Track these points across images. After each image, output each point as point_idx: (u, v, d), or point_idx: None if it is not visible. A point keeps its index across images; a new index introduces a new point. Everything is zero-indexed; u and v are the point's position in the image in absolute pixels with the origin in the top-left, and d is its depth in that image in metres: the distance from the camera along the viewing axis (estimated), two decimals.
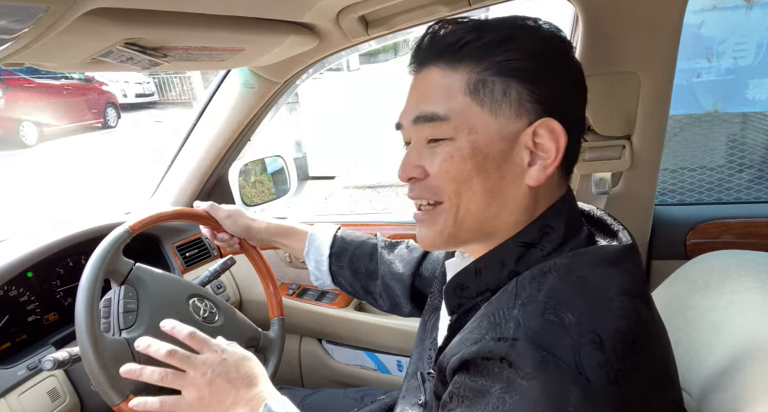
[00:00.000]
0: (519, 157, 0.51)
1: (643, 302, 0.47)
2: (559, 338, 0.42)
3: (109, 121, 10.83)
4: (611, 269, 0.48)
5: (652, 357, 0.46)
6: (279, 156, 1.55)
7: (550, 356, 0.41)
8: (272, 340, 1.01)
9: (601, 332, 0.42)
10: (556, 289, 0.46)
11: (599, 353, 0.41)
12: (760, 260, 0.68)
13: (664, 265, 1.17)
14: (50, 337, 1.03)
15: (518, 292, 0.47)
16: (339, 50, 1.10)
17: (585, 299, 0.45)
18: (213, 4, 0.72)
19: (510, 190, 0.52)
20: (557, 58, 0.52)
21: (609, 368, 0.41)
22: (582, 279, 0.46)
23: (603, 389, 0.40)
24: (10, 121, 8.61)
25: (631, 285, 0.47)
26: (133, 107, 12.42)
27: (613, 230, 0.55)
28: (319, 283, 0.95)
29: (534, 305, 0.45)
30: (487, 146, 0.50)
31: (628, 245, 0.51)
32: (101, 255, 0.78)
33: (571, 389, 0.40)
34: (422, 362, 0.65)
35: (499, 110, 0.50)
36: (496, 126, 0.50)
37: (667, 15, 0.89)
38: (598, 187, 1.08)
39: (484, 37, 0.50)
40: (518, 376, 0.42)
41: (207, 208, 0.97)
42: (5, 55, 0.62)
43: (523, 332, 0.43)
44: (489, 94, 0.50)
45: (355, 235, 0.94)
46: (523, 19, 0.52)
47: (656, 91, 0.96)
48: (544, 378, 0.40)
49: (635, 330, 0.44)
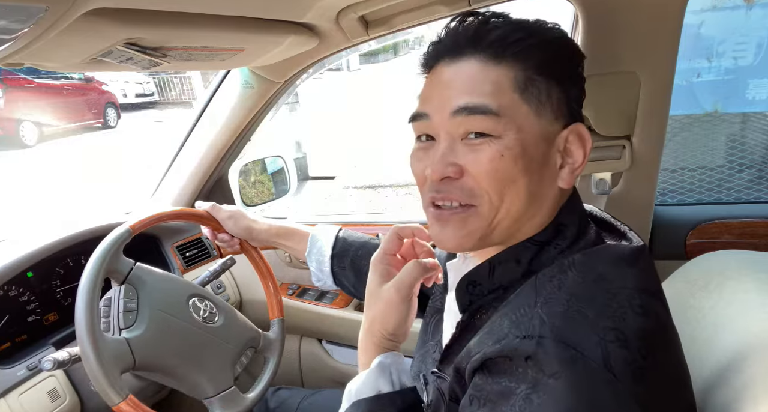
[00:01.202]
0: (554, 160, 0.52)
1: (660, 303, 0.48)
2: (585, 335, 0.41)
3: (109, 121, 10.83)
4: (629, 268, 0.48)
5: (669, 358, 0.46)
6: (279, 156, 1.55)
7: (578, 354, 0.40)
8: (272, 341, 1.01)
9: (625, 329, 0.42)
10: (577, 286, 0.45)
11: (625, 350, 0.41)
12: (760, 260, 0.68)
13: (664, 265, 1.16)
14: (50, 337, 1.02)
15: (538, 290, 0.47)
16: (339, 50, 1.10)
17: (606, 296, 0.44)
18: (213, 4, 0.72)
19: (547, 193, 0.52)
20: (580, 65, 0.55)
21: (635, 366, 0.41)
22: (602, 276, 0.46)
23: (630, 386, 0.40)
24: (10, 121, 8.61)
25: (649, 285, 0.47)
26: (133, 107, 12.41)
27: (620, 231, 0.56)
28: (321, 284, 0.95)
29: (556, 302, 0.44)
30: (533, 147, 0.50)
31: (641, 245, 0.51)
32: (101, 255, 0.78)
33: (600, 387, 0.39)
34: (425, 364, 0.64)
35: (542, 111, 0.50)
36: (539, 127, 0.50)
37: (667, 15, 0.89)
38: (598, 188, 1.08)
39: (531, 36, 0.50)
40: (545, 374, 0.40)
41: (208, 208, 0.97)
42: (5, 55, 0.62)
43: (548, 329, 0.42)
44: (536, 94, 0.49)
45: (357, 236, 0.94)
46: (556, 24, 0.54)
47: (656, 91, 0.96)
48: (572, 376, 0.40)
49: (655, 330, 0.45)
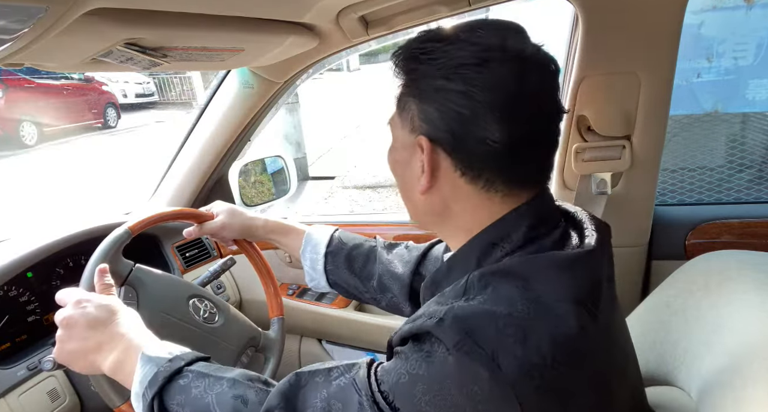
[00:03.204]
0: (416, 166, 0.56)
1: (587, 312, 0.48)
2: (484, 326, 0.45)
3: (109, 122, 10.83)
4: (561, 273, 0.49)
5: (581, 368, 0.47)
6: (279, 156, 1.55)
7: (469, 340, 0.45)
8: (272, 340, 1.01)
9: (528, 329, 0.45)
10: (500, 288, 0.49)
11: (519, 346, 0.44)
12: (760, 260, 0.68)
13: (664, 265, 1.17)
14: (50, 337, 1.03)
15: (467, 289, 0.51)
16: (339, 50, 1.10)
17: (526, 300, 0.47)
18: (213, 4, 0.72)
19: (414, 191, 0.58)
20: (458, 78, 0.51)
21: (525, 361, 0.44)
22: (527, 282, 0.48)
23: (514, 379, 0.43)
24: (10, 121, 8.61)
25: (577, 292, 0.48)
26: (133, 107, 12.41)
27: (583, 235, 0.56)
28: (314, 284, 0.94)
29: (475, 299, 0.49)
30: (398, 152, 0.59)
31: (587, 250, 0.52)
32: (100, 256, 0.78)
33: (481, 373, 0.44)
34: None
35: (405, 123, 0.57)
36: (401, 135, 0.58)
37: (667, 15, 0.89)
38: (598, 188, 1.08)
39: (402, 54, 0.56)
40: (439, 349, 0.46)
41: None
42: (5, 55, 0.62)
43: (451, 315, 0.47)
44: (402, 107, 0.57)
45: (353, 236, 0.94)
46: (444, 33, 0.54)
47: (656, 91, 0.96)
48: (459, 357, 0.45)
49: (571, 337, 0.46)
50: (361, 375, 0.52)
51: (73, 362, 0.67)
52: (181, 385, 0.60)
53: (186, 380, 0.60)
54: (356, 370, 0.54)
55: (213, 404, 0.58)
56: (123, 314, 0.69)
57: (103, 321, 0.66)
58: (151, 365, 0.61)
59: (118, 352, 0.64)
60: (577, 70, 0.99)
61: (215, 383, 0.60)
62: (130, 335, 0.66)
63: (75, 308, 0.67)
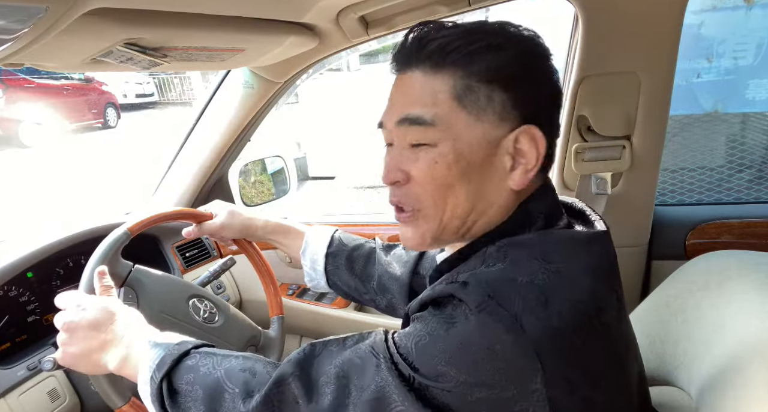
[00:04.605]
0: (501, 162, 0.53)
1: (606, 286, 0.49)
2: (507, 290, 0.46)
3: (109, 122, 10.83)
4: (579, 247, 0.50)
5: (601, 336, 0.48)
6: (279, 156, 1.55)
7: (492, 301, 0.45)
8: (272, 339, 1.01)
9: (550, 296, 0.45)
10: (520, 259, 0.49)
11: (542, 309, 0.44)
12: (760, 260, 0.68)
13: (664, 265, 1.17)
14: (50, 337, 1.03)
15: (486, 259, 0.51)
16: (339, 50, 1.10)
17: (546, 270, 0.47)
18: (213, 4, 0.72)
19: (493, 194, 0.54)
20: (538, 65, 0.53)
21: (547, 323, 0.44)
22: (546, 254, 0.48)
23: (536, 340, 0.43)
24: (10, 121, 8.60)
25: (596, 266, 0.49)
26: (133, 107, 12.41)
27: (590, 220, 0.57)
28: (313, 284, 0.94)
29: (495, 266, 0.49)
30: (471, 152, 0.52)
31: (601, 230, 0.53)
32: (99, 258, 0.78)
33: (503, 332, 0.44)
34: None
35: (483, 116, 0.51)
36: (479, 132, 0.51)
37: (667, 15, 0.90)
38: (598, 188, 1.08)
39: (472, 43, 0.51)
40: (462, 310, 0.46)
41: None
42: (5, 55, 0.62)
43: (475, 279, 0.47)
44: (474, 100, 0.51)
45: (354, 237, 0.94)
46: (506, 26, 0.53)
47: (656, 92, 0.96)
48: (482, 318, 0.44)
49: (591, 306, 0.47)
50: (378, 340, 0.52)
51: (77, 364, 0.67)
52: (189, 365, 0.61)
53: (194, 360, 0.61)
54: (373, 337, 0.53)
55: (223, 378, 0.58)
56: (124, 314, 0.69)
57: (104, 322, 0.67)
58: (158, 349, 0.62)
59: (122, 347, 0.65)
60: (577, 70, 0.99)
61: (223, 360, 0.60)
62: (132, 330, 0.67)
63: (75, 312, 0.68)
